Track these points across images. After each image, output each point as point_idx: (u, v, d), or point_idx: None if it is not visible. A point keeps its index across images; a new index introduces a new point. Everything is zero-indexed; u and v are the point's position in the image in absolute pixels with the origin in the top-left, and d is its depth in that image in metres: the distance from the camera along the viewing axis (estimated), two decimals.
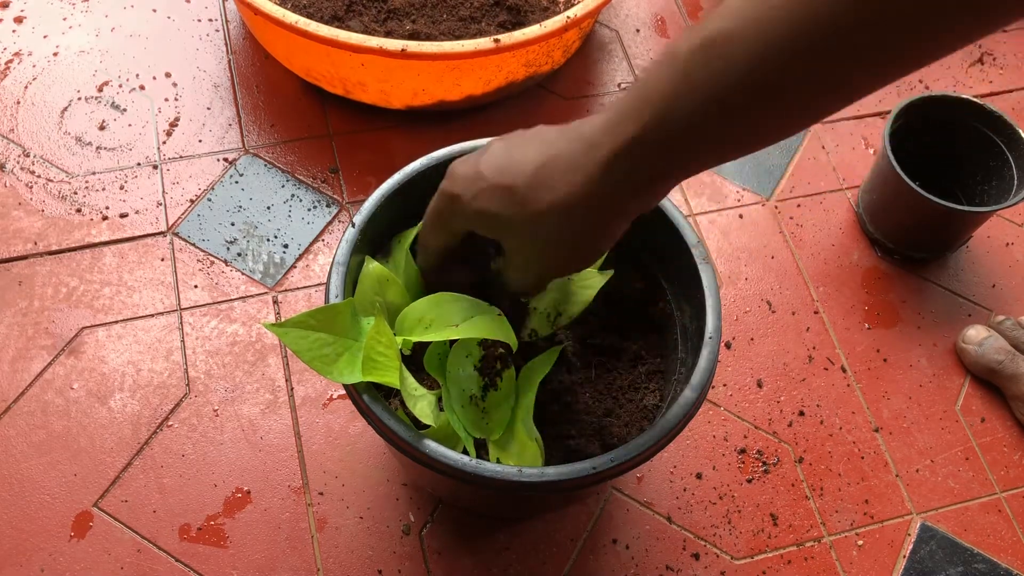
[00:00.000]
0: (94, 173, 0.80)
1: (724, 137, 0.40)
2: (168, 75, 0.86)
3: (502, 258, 0.50)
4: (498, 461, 0.52)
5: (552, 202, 0.43)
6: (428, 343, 0.55)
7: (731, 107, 0.38)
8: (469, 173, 0.47)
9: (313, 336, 0.49)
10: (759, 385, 0.75)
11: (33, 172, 0.79)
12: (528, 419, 0.53)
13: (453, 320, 0.52)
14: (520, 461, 0.52)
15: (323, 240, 0.78)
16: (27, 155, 0.80)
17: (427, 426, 0.52)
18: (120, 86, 0.85)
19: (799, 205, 0.86)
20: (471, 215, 0.47)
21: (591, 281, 0.57)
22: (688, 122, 0.39)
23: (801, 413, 0.75)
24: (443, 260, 0.53)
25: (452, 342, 0.54)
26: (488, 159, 0.46)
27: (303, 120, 0.85)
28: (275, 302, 0.75)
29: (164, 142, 0.82)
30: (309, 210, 0.79)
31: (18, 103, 0.83)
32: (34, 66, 0.85)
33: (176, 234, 0.77)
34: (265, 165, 0.82)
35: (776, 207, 0.85)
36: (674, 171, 0.42)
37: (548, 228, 0.44)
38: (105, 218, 0.77)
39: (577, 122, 0.45)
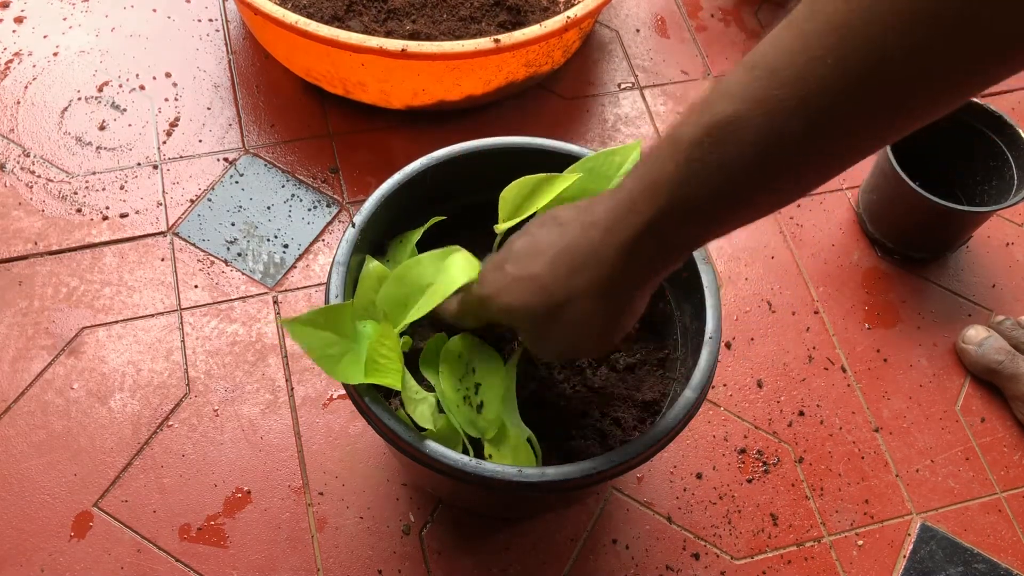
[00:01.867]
0: (94, 173, 0.80)
1: (739, 211, 0.39)
2: (168, 75, 0.86)
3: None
4: (490, 458, 0.52)
5: (574, 290, 0.43)
6: (427, 342, 0.55)
7: (743, 186, 0.37)
8: (495, 272, 0.48)
9: (321, 334, 0.49)
10: (759, 385, 0.75)
11: (33, 172, 0.79)
12: (514, 416, 0.53)
13: (425, 280, 0.52)
14: (515, 459, 0.52)
15: (323, 240, 0.78)
16: (27, 155, 0.80)
17: (426, 428, 0.52)
18: (120, 86, 0.85)
19: (799, 205, 0.86)
20: (497, 310, 0.47)
21: None
22: (700, 204, 0.38)
23: (801, 413, 0.75)
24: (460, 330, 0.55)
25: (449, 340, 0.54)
26: (511, 254, 0.47)
27: (303, 120, 0.85)
28: (275, 302, 0.75)
29: (164, 142, 0.82)
30: (309, 210, 0.79)
31: (18, 103, 0.83)
32: (34, 66, 0.85)
33: (176, 234, 0.77)
34: (265, 165, 0.82)
35: None
36: (692, 245, 0.42)
37: (572, 315, 0.44)
38: (105, 218, 0.77)
39: (588, 202, 0.44)
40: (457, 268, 0.52)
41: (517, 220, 0.57)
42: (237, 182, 0.80)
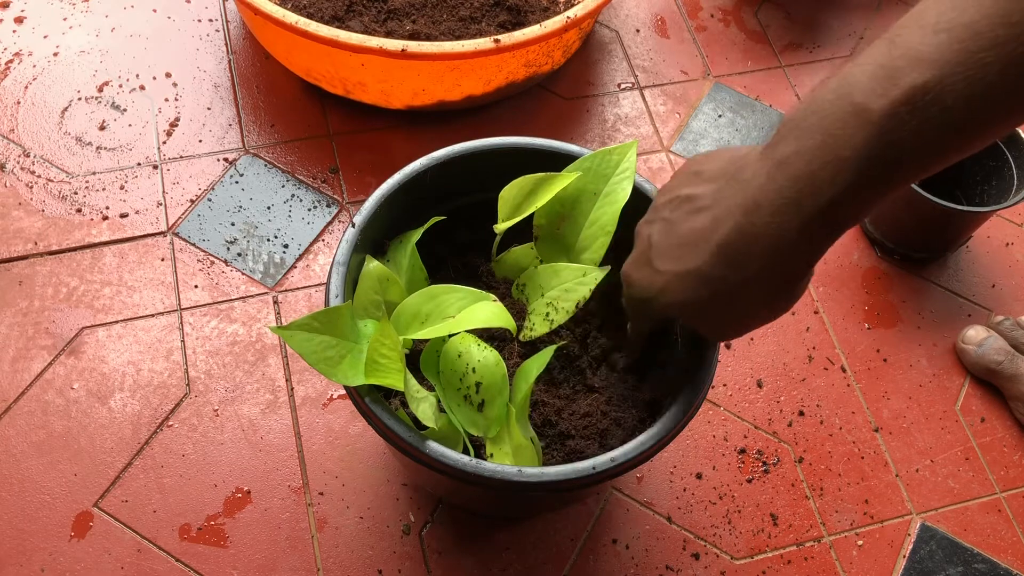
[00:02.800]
0: (94, 173, 0.80)
1: (930, 170, 0.38)
2: (168, 75, 0.86)
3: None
4: (491, 457, 0.52)
5: (746, 277, 0.42)
6: (427, 342, 0.55)
7: (939, 149, 0.36)
8: (643, 275, 0.47)
9: (318, 339, 0.49)
10: (759, 385, 0.75)
11: (33, 172, 0.79)
12: (524, 417, 0.53)
13: (450, 311, 0.52)
14: (516, 459, 0.52)
15: (323, 240, 0.78)
16: (27, 155, 0.80)
17: (427, 427, 0.52)
18: (120, 86, 0.85)
19: None
20: (662, 308, 0.47)
21: (586, 278, 0.56)
22: (893, 173, 0.37)
23: (801, 413, 0.75)
24: (647, 336, 0.55)
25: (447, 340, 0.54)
26: (655, 252, 0.46)
27: (303, 120, 0.85)
28: (275, 302, 0.75)
29: (164, 142, 0.82)
30: (309, 210, 0.80)
31: (18, 103, 0.83)
32: (34, 66, 0.85)
33: (176, 234, 0.77)
34: (265, 165, 0.82)
35: None
36: (872, 210, 0.40)
37: (746, 300, 0.43)
38: (105, 218, 0.77)
39: (728, 180, 0.42)
40: (482, 314, 0.52)
41: (517, 220, 0.57)
42: (237, 182, 0.80)
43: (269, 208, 0.79)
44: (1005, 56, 0.33)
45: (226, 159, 0.82)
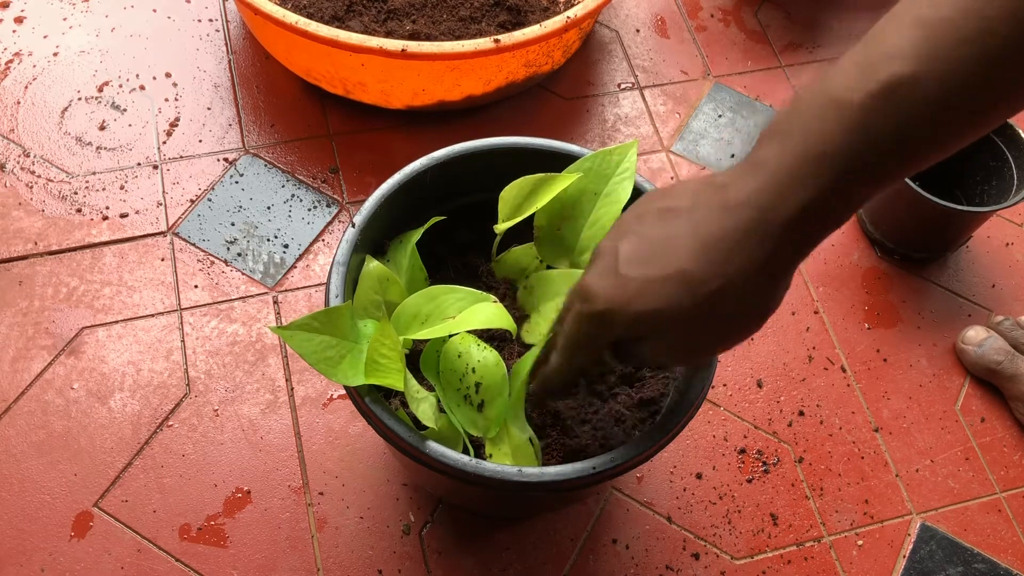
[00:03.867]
0: (94, 173, 0.80)
1: (914, 165, 0.38)
2: (168, 75, 0.86)
3: (643, 349, 0.45)
4: (490, 457, 0.52)
5: (731, 276, 0.40)
6: (426, 342, 0.55)
7: (921, 142, 0.36)
8: (610, 283, 0.42)
9: (318, 339, 0.49)
10: (759, 385, 0.75)
11: (33, 172, 0.79)
12: (519, 416, 0.53)
13: (449, 312, 0.52)
14: (516, 459, 0.52)
15: (323, 240, 0.78)
16: (27, 155, 0.80)
17: (426, 427, 0.52)
18: (120, 86, 0.85)
19: None
20: (629, 322, 0.42)
21: None
22: (875, 167, 0.37)
23: (801, 413, 0.75)
24: (576, 380, 0.50)
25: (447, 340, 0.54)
26: (624, 260, 0.42)
27: (303, 120, 0.85)
28: (275, 302, 0.75)
29: (164, 142, 0.82)
30: (309, 210, 0.80)
31: (18, 103, 0.83)
32: (34, 66, 0.85)
33: (176, 234, 0.77)
34: (265, 165, 0.82)
35: None
36: (859, 206, 0.40)
37: (729, 303, 0.41)
38: (105, 218, 0.77)
39: (712, 185, 0.41)
40: (482, 314, 0.51)
41: (517, 220, 0.57)
42: (237, 182, 0.80)
43: (269, 208, 0.79)
44: (981, 49, 0.34)
45: (226, 159, 0.82)
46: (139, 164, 0.81)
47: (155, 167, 0.81)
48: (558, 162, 0.59)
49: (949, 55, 0.34)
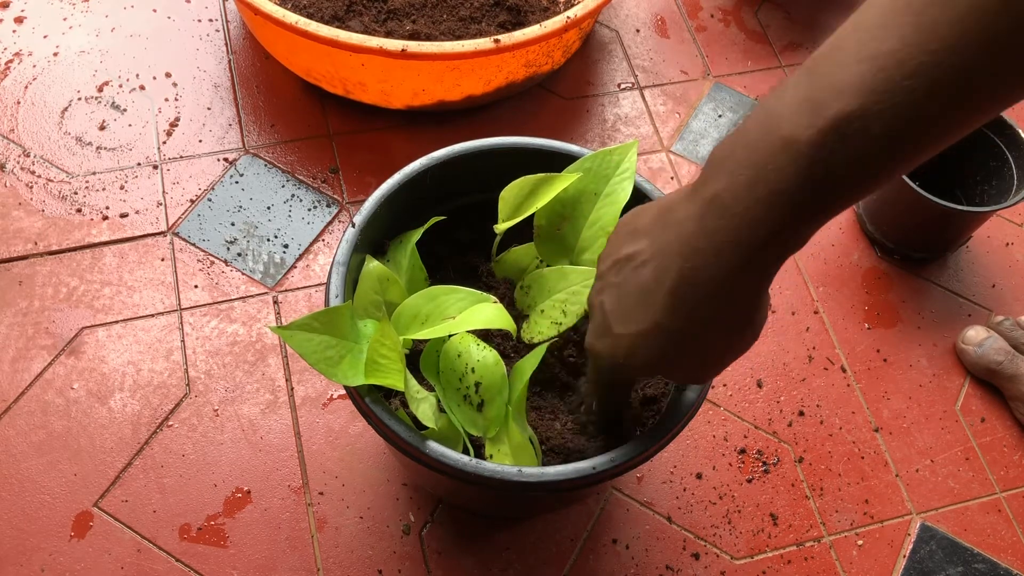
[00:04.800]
0: (94, 173, 0.80)
1: (865, 192, 0.38)
2: (168, 75, 0.86)
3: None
4: (490, 457, 0.52)
5: (704, 320, 0.41)
6: (426, 342, 0.55)
7: (872, 173, 0.36)
8: (607, 344, 0.46)
9: (318, 339, 0.49)
10: (759, 385, 0.75)
11: (33, 172, 0.79)
12: (520, 415, 0.53)
13: (449, 312, 0.52)
14: (516, 459, 0.52)
15: (323, 240, 0.78)
16: (27, 155, 0.80)
17: (426, 427, 0.52)
18: (120, 86, 0.85)
19: None
20: (635, 370, 0.46)
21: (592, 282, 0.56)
22: (827, 201, 0.37)
23: (801, 413, 0.75)
24: (619, 413, 0.56)
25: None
26: (612, 319, 0.45)
27: (303, 120, 0.85)
28: (275, 302, 0.75)
29: (164, 142, 0.82)
30: (309, 210, 0.80)
31: (18, 103, 0.83)
32: (34, 66, 0.85)
33: (176, 234, 0.77)
34: (265, 165, 0.82)
35: None
36: (812, 233, 0.40)
37: (710, 342, 0.43)
38: (105, 218, 0.77)
39: (663, 231, 0.42)
40: (482, 315, 0.52)
41: (517, 220, 0.57)
42: (237, 182, 0.80)
43: (269, 208, 0.79)
44: (928, 82, 0.34)
45: (226, 159, 0.82)
46: (139, 164, 0.81)
47: (155, 167, 0.81)
48: (558, 162, 0.59)
49: (897, 88, 0.34)
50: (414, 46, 0.74)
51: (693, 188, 0.41)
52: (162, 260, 0.76)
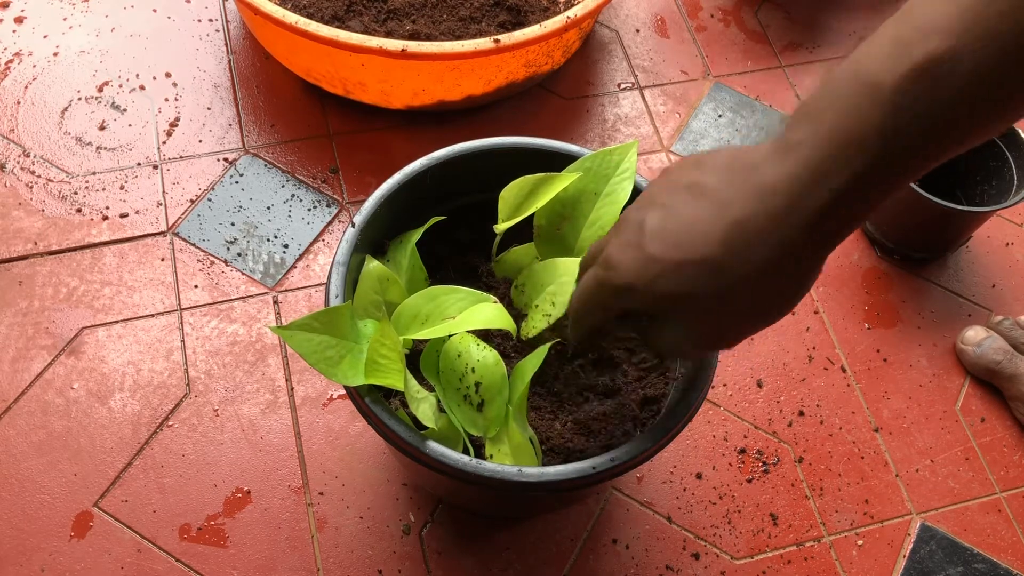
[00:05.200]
0: (94, 173, 0.80)
1: (949, 150, 0.37)
2: (168, 75, 0.86)
3: (658, 328, 0.45)
4: (491, 457, 0.52)
5: (758, 266, 0.39)
6: (426, 342, 0.55)
7: (958, 124, 0.35)
8: (633, 258, 0.42)
9: (318, 339, 0.49)
10: (759, 385, 0.75)
11: (33, 172, 0.79)
12: (521, 416, 0.53)
13: (449, 312, 0.52)
14: (516, 459, 0.52)
15: (323, 240, 0.78)
16: (27, 155, 0.80)
17: (426, 427, 0.52)
18: (120, 86, 0.85)
19: None
20: (648, 300, 0.42)
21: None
22: (911, 150, 0.36)
23: (801, 413, 0.75)
24: (591, 341, 0.50)
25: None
26: (650, 236, 0.41)
27: (303, 120, 0.85)
28: (275, 302, 0.75)
29: (164, 142, 0.82)
30: (309, 210, 0.80)
31: (18, 103, 0.83)
32: (34, 66, 0.85)
33: (176, 234, 0.77)
34: (265, 165, 0.82)
35: None
36: (893, 192, 0.38)
37: (754, 293, 0.40)
38: (105, 218, 0.77)
39: (741, 165, 0.40)
40: (482, 315, 0.51)
41: (517, 220, 0.57)
42: (237, 182, 0.80)
43: (269, 208, 0.79)
44: (1017, 23, 0.33)
45: (226, 159, 0.82)
46: (139, 164, 0.81)
47: (155, 167, 0.81)
48: (558, 162, 0.59)
49: (985, 29, 0.33)
50: (414, 46, 0.74)
51: (775, 138, 0.39)
52: (162, 260, 0.76)
